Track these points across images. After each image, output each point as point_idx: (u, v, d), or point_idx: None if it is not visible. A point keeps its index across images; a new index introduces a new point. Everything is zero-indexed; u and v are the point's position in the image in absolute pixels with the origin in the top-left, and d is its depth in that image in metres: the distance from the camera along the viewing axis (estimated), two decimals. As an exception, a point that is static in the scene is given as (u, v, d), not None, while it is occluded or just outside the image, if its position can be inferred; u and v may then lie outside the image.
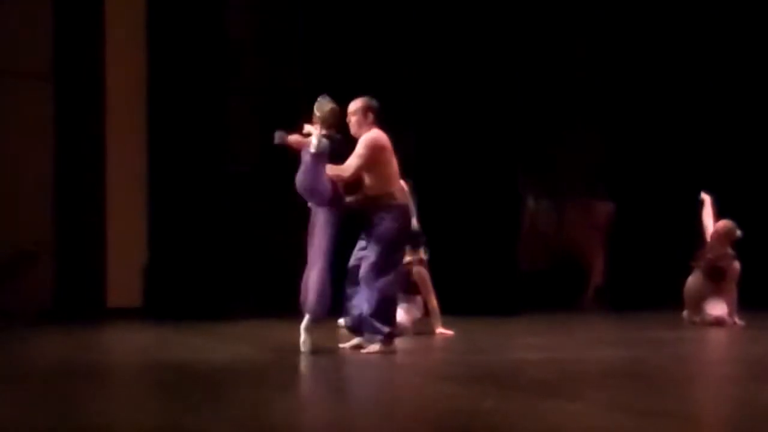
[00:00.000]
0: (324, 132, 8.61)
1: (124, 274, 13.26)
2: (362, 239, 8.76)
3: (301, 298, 8.64)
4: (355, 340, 8.82)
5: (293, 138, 8.62)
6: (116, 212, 13.40)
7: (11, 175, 12.92)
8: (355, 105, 8.75)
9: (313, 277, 8.54)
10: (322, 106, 8.74)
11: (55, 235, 13.29)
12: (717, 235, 11.86)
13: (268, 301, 13.29)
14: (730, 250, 11.83)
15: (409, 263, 10.65)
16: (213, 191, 13.18)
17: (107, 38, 13.42)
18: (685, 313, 12.02)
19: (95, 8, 13.40)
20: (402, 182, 9.27)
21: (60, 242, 13.29)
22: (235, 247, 13.37)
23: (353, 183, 8.66)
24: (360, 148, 8.58)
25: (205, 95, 13.22)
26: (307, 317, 8.57)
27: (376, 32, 13.84)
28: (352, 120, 8.72)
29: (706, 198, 12.09)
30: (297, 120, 8.76)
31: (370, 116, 8.71)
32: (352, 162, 8.55)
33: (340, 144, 8.67)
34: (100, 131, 13.41)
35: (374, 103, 8.76)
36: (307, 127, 8.68)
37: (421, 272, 10.64)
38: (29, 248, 12.96)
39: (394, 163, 8.72)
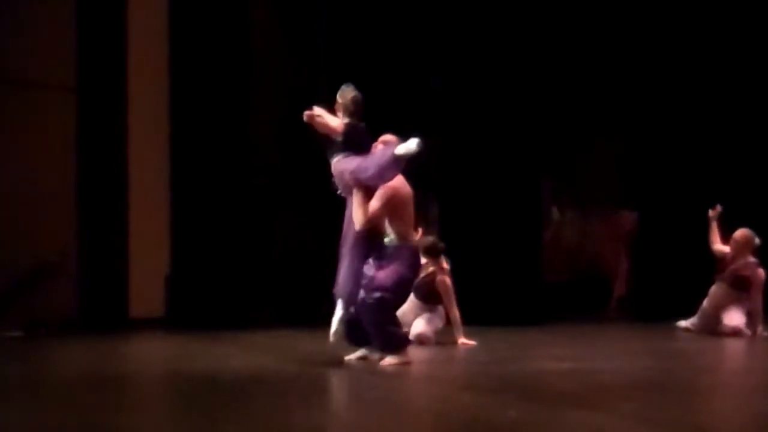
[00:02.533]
0: (346, 120, 8.58)
1: (147, 284, 13.30)
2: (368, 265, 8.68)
3: (335, 288, 8.59)
4: (360, 352, 8.72)
5: (320, 120, 8.57)
6: (139, 223, 13.43)
7: (35, 185, 12.96)
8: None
9: (345, 265, 8.50)
10: (345, 93, 8.70)
11: (78, 246, 13.33)
12: (737, 244, 11.81)
13: (290, 311, 13.32)
14: (752, 258, 11.78)
15: (432, 273, 10.65)
16: (235, 202, 13.22)
17: (130, 50, 13.48)
18: (683, 322, 11.99)
19: (118, 21, 13.46)
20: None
21: (83, 253, 13.33)
22: (257, 257, 13.39)
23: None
24: (379, 198, 8.53)
25: (227, 107, 13.28)
26: (339, 305, 8.52)
27: (399, 42, 13.84)
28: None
29: (712, 215, 12.01)
30: (318, 133, 8.74)
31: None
32: (372, 206, 8.50)
33: (363, 133, 8.62)
34: (122, 142, 13.46)
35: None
36: (317, 109, 8.62)
37: (444, 281, 10.62)
38: (53, 259, 13.00)
39: (411, 212, 8.69)
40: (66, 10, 13.36)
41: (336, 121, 8.59)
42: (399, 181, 8.55)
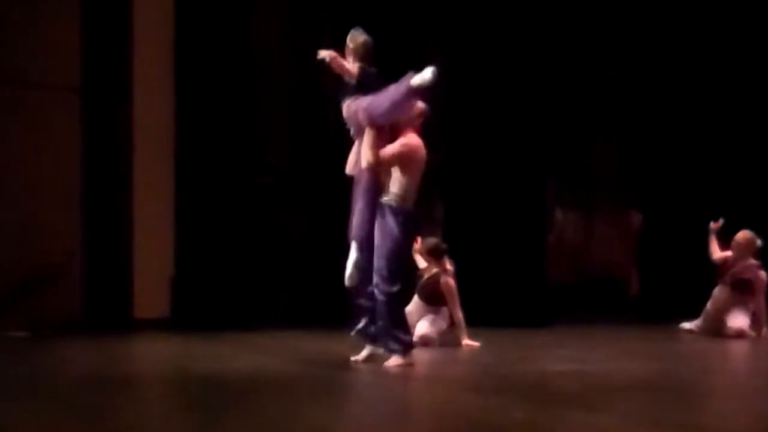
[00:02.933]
0: (357, 64, 8.57)
1: (152, 285, 13.29)
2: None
3: (349, 231, 8.57)
4: (366, 351, 8.68)
5: (338, 61, 8.56)
6: (144, 223, 13.43)
7: (39, 186, 12.96)
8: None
9: (358, 209, 8.49)
10: (356, 38, 8.67)
11: (83, 246, 13.34)
12: (738, 246, 11.80)
13: (295, 311, 13.32)
14: (753, 261, 11.78)
15: (436, 274, 10.65)
16: (240, 202, 13.22)
17: (135, 51, 13.47)
18: (686, 324, 12.00)
19: (123, 21, 13.45)
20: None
21: (88, 253, 13.33)
22: (262, 257, 13.40)
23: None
24: (397, 147, 8.49)
25: (232, 107, 13.27)
26: (353, 248, 8.50)
27: (405, 40, 13.83)
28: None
29: (714, 228, 12.00)
30: (326, 131, 8.76)
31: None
32: (387, 151, 8.46)
33: (376, 77, 8.60)
34: (127, 143, 13.46)
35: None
36: (323, 53, 8.62)
37: (448, 282, 10.62)
38: (57, 259, 13.01)
39: (419, 175, 8.65)
40: (71, 10, 13.37)
41: (351, 65, 8.58)
42: (418, 141, 8.53)
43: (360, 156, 8.52)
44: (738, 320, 11.60)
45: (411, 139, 8.49)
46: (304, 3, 14.22)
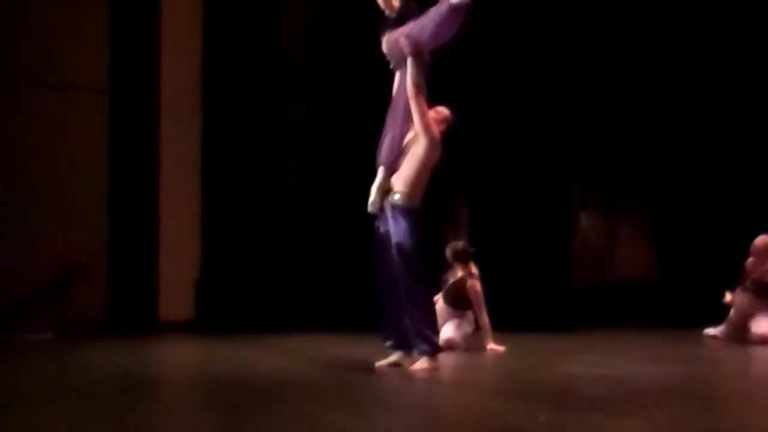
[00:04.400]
0: (397, 2, 8.54)
1: (177, 287, 13.34)
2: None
3: (377, 156, 8.56)
4: (393, 357, 8.60)
5: None
6: (169, 225, 13.48)
7: (67, 187, 13.04)
8: None
9: (389, 136, 8.48)
10: None
11: (108, 248, 13.39)
12: (757, 251, 11.75)
13: (320, 314, 13.32)
14: (773, 264, 11.72)
15: (462, 278, 10.63)
16: (266, 205, 13.25)
17: (163, 53, 13.53)
18: (710, 330, 11.94)
19: (152, 23, 13.52)
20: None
21: (113, 255, 13.38)
22: (288, 260, 13.41)
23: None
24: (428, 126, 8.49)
25: (258, 109, 13.31)
26: (380, 172, 8.49)
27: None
28: None
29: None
30: (351, 135, 8.76)
31: None
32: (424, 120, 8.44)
33: (416, 11, 8.50)
34: (154, 145, 13.52)
35: None
36: None
37: (474, 286, 10.60)
38: (83, 261, 13.06)
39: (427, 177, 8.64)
40: (100, 12, 13.42)
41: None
42: (439, 143, 8.47)
43: (400, 86, 8.48)
44: (762, 326, 11.52)
45: (431, 131, 8.45)
46: (330, 7, 14.22)
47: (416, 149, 8.42)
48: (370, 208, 8.47)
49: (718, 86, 14.71)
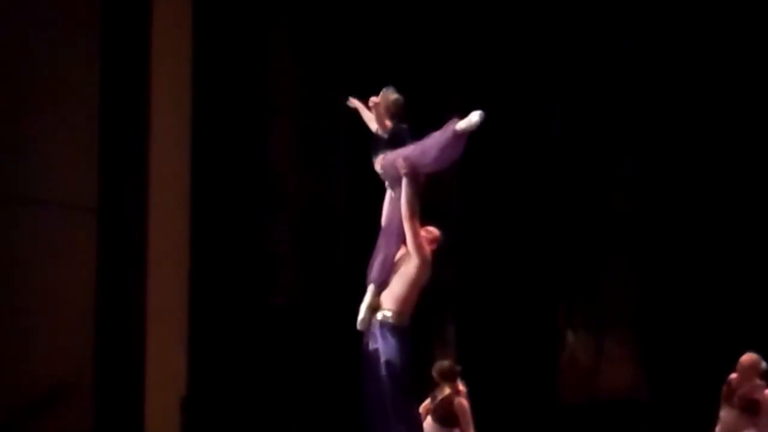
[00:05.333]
0: (385, 121, 8.61)
1: (163, 406, 13.25)
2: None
3: (367, 273, 8.56)
4: None
5: (379, 110, 8.62)
6: (156, 343, 13.43)
7: (53, 305, 13.00)
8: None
9: (381, 255, 8.49)
10: (388, 95, 8.72)
11: (94, 366, 13.31)
12: (743, 368, 11.76)
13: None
14: (759, 382, 11.72)
15: (449, 395, 10.61)
16: (255, 323, 13.25)
17: (151, 172, 13.60)
18: None
19: (140, 141, 13.61)
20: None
21: (99, 374, 13.31)
22: (276, 379, 13.37)
23: None
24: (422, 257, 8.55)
25: (246, 227, 13.38)
26: (369, 291, 8.49)
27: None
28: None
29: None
30: (340, 251, 8.84)
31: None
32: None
33: (408, 134, 8.63)
34: (141, 263, 13.52)
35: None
36: (354, 101, 8.71)
37: (461, 404, 10.57)
38: (69, 379, 12.99)
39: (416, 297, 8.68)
40: (88, 129, 13.50)
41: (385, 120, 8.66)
42: (429, 263, 8.51)
43: (393, 205, 8.53)
44: (751, 443, 11.50)
45: (423, 251, 8.50)
46: (319, 124, 14.38)
47: (407, 268, 8.47)
48: (359, 326, 8.49)
49: (703, 197, 14.85)
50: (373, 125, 8.74)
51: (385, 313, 8.43)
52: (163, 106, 13.77)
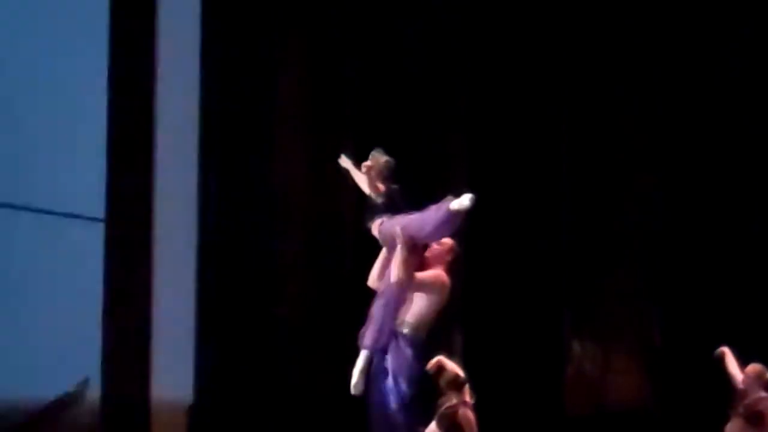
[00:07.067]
0: (381, 186, 8.65)
1: (170, 415, 13.26)
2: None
3: (360, 338, 8.58)
4: None
5: (358, 174, 8.67)
6: (162, 352, 13.45)
7: (58, 315, 13.02)
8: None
9: (375, 320, 8.51)
10: (378, 158, 8.78)
11: (100, 376, 13.33)
12: (749, 379, 11.72)
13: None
14: (764, 393, 11.69)
15: (455, 405, 10.58)
16: (260, 330, 13.25)
17: (158, 178, 13.63)
18: None
19: (146, 149, 13.64)
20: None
21: (105, 383, 13.33)
22: (282, 389, 13.37)
23: None
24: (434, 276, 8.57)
25: (254, 236, 13.38)
26: (362, 356, 8.47)
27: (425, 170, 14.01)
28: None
29: (725, 351, 11.92)
30: (347, 261, 8.88)
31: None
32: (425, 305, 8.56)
33: (398, 195, 8.66)
34: (147, 272, 13.55)
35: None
36: (345, 162, 8.79)
37: (467, 415, 10.52)
38: (75, 389, 13.00)
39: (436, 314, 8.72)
40: (95, 140, 13.54)
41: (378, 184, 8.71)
42: (447, 280, 8.74)
43: (386, 270, 8.60)
44: (757, 455, 11.48)
45: (443, 276, 8.61)
46: (327, 134, 14.39)
47: (432, 292, 8.54)
48: (353, 390, 8.56)
49: (713, 207, 14.84)
50: (366, 188, 8.82)
51: (405, 327, 8.51)
52: (170, 114, 13.81)
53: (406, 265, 8.49)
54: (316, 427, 13.50)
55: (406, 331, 8.49)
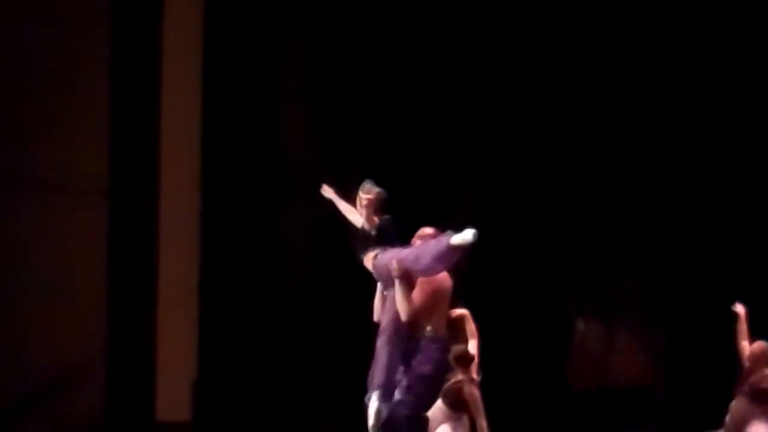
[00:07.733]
0: (374, 217, 8.65)
1: (174, 389, 13.30)
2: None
3: (369, 381, 8.61)
4: None
5: (342, 203, 8.68)
6: (167, 325, 13.47)
7: (65, 289, 13.04)
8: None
9: (381, 359, 8.53)
10: (370, 190, 8.77)
11: (106, 349, 13.36)
12: (754, 357, 11.71)
13: (318, 416, 13.27)
14: (769, 371, 11.70)
15: (461, 381, 10.59)
16: (263, 306, 13.27)
17: (163, 154, 13.63)
18: None
19: (151, 125, 13.63)
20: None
21: (111, 357, 13.36)
22: (285, 361, 13.40)
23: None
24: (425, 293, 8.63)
25: (256, 212, 13.38)
26: (374, 398, 8.52)
27: (431, 151, 13.99)
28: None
29: (740, 311, 11.91)
30: (348, 241, 8.87)
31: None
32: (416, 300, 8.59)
33: (392, 226, 8.68)
34: (152, 246, 13.55)
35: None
36: (328, 191, 8.78)
37: (472, 393, 10.53)
38: (81, 363, 13.03)
39: (448, 305, 8.79)
40: (100, 113, 13.53)
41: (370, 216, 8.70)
42: (443, 276, 8.61)
43: (385, 304, 8.62)
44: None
45: (436, 280, 8.59)
46: (331, 112, 14.40)
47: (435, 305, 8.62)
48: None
49: (718, 187, 14.84)
50: (352, 217, 8.80)
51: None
52: (175, 92, 13.79)
53: (410, 302, 8.47)
54: (318, 402, 13.54)
55: (426, 332, 8.59)
